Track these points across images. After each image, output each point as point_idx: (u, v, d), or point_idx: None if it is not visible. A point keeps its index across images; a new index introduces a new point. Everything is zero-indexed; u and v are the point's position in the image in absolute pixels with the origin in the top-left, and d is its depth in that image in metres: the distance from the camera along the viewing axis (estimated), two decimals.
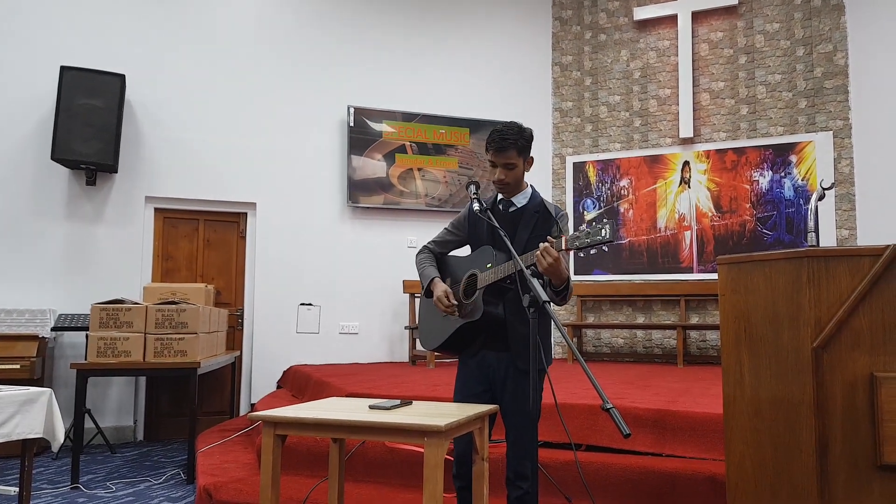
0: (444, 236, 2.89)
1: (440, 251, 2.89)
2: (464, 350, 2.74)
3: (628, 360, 7.44)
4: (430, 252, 2.88)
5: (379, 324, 7.15)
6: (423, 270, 2.83)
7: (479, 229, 2.74)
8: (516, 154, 2.56)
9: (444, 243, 2.89)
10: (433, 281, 2.74)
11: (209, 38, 6.76)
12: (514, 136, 2.54)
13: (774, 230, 6.97)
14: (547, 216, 2.64)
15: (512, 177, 2.59)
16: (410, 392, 4.32)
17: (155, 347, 4.60)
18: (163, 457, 5.41)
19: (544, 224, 2.63)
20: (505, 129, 2.56)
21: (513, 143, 2.54)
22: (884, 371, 1.99)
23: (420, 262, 2.88)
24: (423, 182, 7.29)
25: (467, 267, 2.71)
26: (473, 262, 2.69)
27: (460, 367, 2.79)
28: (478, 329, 2.63)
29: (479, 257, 2.66)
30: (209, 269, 6.70)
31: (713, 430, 3.37)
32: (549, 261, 2.24)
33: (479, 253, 2.67)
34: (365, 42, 7.37)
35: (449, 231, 2.88)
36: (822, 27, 6.93)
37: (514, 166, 2.58)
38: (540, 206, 2.66)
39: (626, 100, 7.70)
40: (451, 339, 2.70)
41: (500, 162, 2.57)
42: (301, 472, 3.95)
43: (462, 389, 2.73)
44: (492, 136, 2.57)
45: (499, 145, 2.54)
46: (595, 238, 2.17)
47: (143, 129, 6.44)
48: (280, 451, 2.37)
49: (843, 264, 2.05)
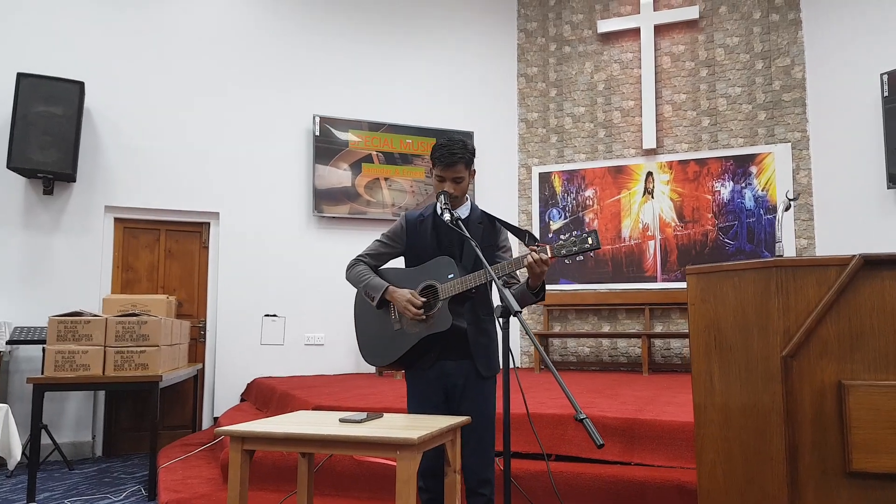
0: (378, 248, 2.81)
1: (374, 263, 2.81)
2: (417, 362, 2.67)
3: (594, 368, 7.49)
4: (365, 265, 2.79)
5: (345, 335, 7.05)
6: (368, 282, 2.72)
7: (421, 240, 2.71)
8: (464, 167, 2.60)
9: (378, 255, 2.81)
10: (389, 289, 2.66)
11: (171, 46, 6.64)
12: (461, 150, 2.58)
13: (736, 240, 7.10)
14: (490, 226, 2.69)
15: (460, 190, 2.62)
16: (379, 404, 4.27)
17: (115, 361, 4.47)
18: (122, 473, 5.25)
19: (489, 234, 2.67)
20: (451, 144, 2.59)
21: (461, 157, 2.58)
22: (851, 379, 2.02)
23: (358, 274, 2.76)
24: (389, 191, 7.26)
25: (418, 278, 2.65)
26: (427, 272, 2.63)
27: (414, 380, 2.72)
28: (437, 339, 2.60)
29: (435, 268, 2.61)
30: (171, 280, 6.55)
31: (681, 438, 3.40)
32: (541, 269, 2.35)
33: (436, 264, 2.62)
34: (330, 50, 7.32)
35: (384, 243, 2.80)
36: (780, 41, 7.11)
37: (462, 179, 2.61)
38: (482, 216, 2.71)
39: (591, 111, 7.79)
40: (408, 353, 2.63)
41: (449, 176, 2.59)
42: (266, 487, 3.88)
43: (420, 402, 2.69)
44: (439, 152, 2.59)
45: (448, 160, 2.57)
46: (583, 246, 2.29)
47: (102, 138, 6.29)
48: (248, 467, 2.31)
49: (810, 274, 2.08)
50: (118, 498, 4.42)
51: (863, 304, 2.04)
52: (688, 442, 3.36)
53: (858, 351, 2.03)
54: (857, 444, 1.97)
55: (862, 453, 1.97)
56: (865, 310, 2.04)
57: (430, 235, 2.69)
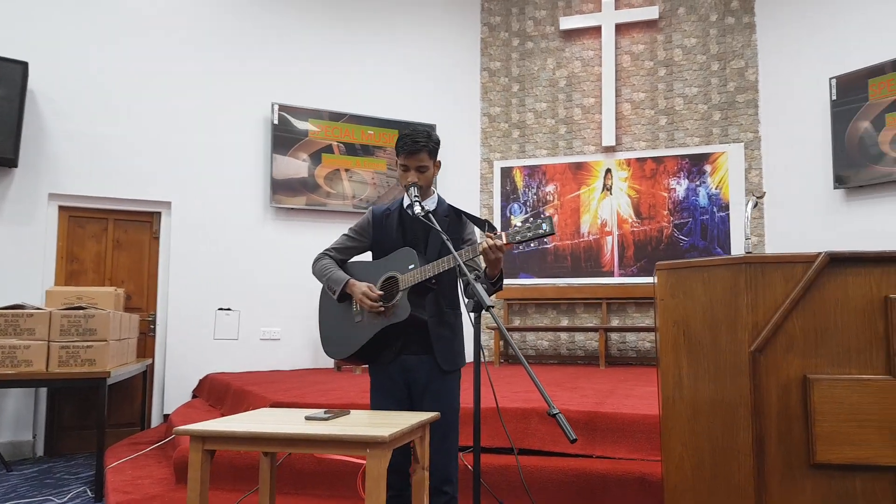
0: (344, 242, 2.79)
1: (341, 258, 2.79)
2: (379, 356, 2.65)
3: (552, 361, 7.55)
4: (330, 258, 2.77)
5: (302, 329, 6.94)
6: (330, 275, 2.70)
7: (387, 233, 2.69)
8: (428, 156, 2.59)
9: (345, 249, 2.79)
10: (349, 282, 2.63)
11: (122, 25, 6.38)
12: (425, 139, 2.57)
13: (690, 236, 7.24)
14: (457, 219, 2.67)
15: (424, 180, 2.60)
16: (339, 400, 4.20)
17: (60, 356, 4.28)
18: (66, 473, 5.04)
19: (455, 227, 2.65)
20: (415, 133, 2.58)
21: (424, 145, 2.56)
22: (816, 373, 2.06)
23: (323, 268, 2.74)
24: (350, 183, 7.16)
25: (380, 270, 2.63)
26: (389, 264, 2.62)
27: (376, 375, 2.70)
28: (398, 332, 2.58)
29: (396, 260, 2.60)
30: (119, 272, 6.32)
31: (641, 430, 3.44)
32: (496, 255, 2.31)
33: (397, 255, 2.60)
34: (291, 37, 7.16)
35: (350, 237, 2.79)
36: (735, 44, 7.27)
37: (427, 168, 2.60)
38: (448, 210, 2.69)
39: (552, 107, 7.83)
40: (368, 345, 2.61)
41: (412, 165, 2.58)
42: (222, 486, 3.76)
43: (381, 396, 2.67)
44: (403, 140, 2.58)
45: (411, 148, 2.56)
46: (537, 232, 2.25)
47: (47, 122, 6.01)
48: (209, 468, 2.22)
49: (778, 271, 2.11)
50: (62, 499, 4.24)
51: (827, 301, 2.08)
52: (648, 434, 3.40)
53: (823, 346, 2.07)
54: (821, 437, 2.01)
55: (825, 445, 2.00)
56: (830, 306, 2.08)
57: (395, 229, 2.67)
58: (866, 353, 2.02)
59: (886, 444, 1.95)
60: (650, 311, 7.33)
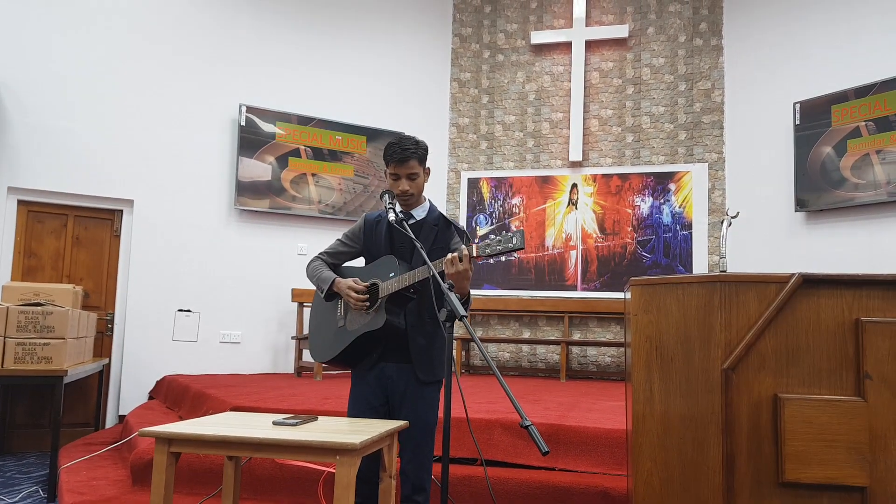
0: (337, 247, 2.82)
1: (333, 262, 2.81)
2: (359, 363, 2.67)
3: (513, 373, 7.57)
4: (322, 262, 2.80)
5: (263, 333, 6.84)
6: (320, 275, 2.73)
7: (376, 240, 2.71)
8: (417, 163, 2.59)
9: (337, 254, 2.81)
10: (336, 280, 2.65)
11: (86, 18, 6.21)
12: (413, 146, 2.57)
13: (653, 253, 7.36)
14: (446, 229, 2.67)
15: (415, 187, 2.61)
16: (300, 405, 4.14)
17: (16, 353, 4.13)
18: (17, 472, 4.85)
19: (444, 237, 2.65)
20: (403, 141, 2.58)
21: (413, 152, 2.56)
22: (786, 392, 2.10)
23: (314, 269, 2.77)
24: (316, 188, 7.09)
25: (366, 277, 2.66)
26: (372, 272, 2.64)
27: (355, 381, 2.72)
28: (377, 340, 2.59)
29: (379, 267, 2.62)
30: (77, 269, 6.13)
31: (605, 444, 3.47)
32: (457, 268, 2.27)
33: (380, 263, 2.62)
34: (262, 38, 7.08)
35: (343, 242, 2.81)
36: (703, 65, 7.44)
37: (417, 176, 2.60)
38: (438, 219, 2.69)
39: (521, 120, 7.89)
40: (347, 350, 2.63)
41: (403, 173, 2.57)
42: (179, 489, 3.66)
43: (359, 403, 2.66)
44: (392, 149, 2.57)
45: (401, 156, 2.55)
46: (507, 245, 2.22)
47: (6, 114, 5.81)
48: (173, 471, 2.17)
49: (752, 290, 2.16)
50: (13, 499, 4.09)
51: (800, 321, 2.13)
52: (612, 449, 3.43)
53: (794, 366, 2.11)
54: (790, 456, 2.05)
55: (794, 464, 2.05)
56: (802, 326, 2.13)
57: (384, 237, 2.68)
58: (837, 374, 2.07)
59: (854, 465, 2.00)
60: (611, 326, 7.42)
